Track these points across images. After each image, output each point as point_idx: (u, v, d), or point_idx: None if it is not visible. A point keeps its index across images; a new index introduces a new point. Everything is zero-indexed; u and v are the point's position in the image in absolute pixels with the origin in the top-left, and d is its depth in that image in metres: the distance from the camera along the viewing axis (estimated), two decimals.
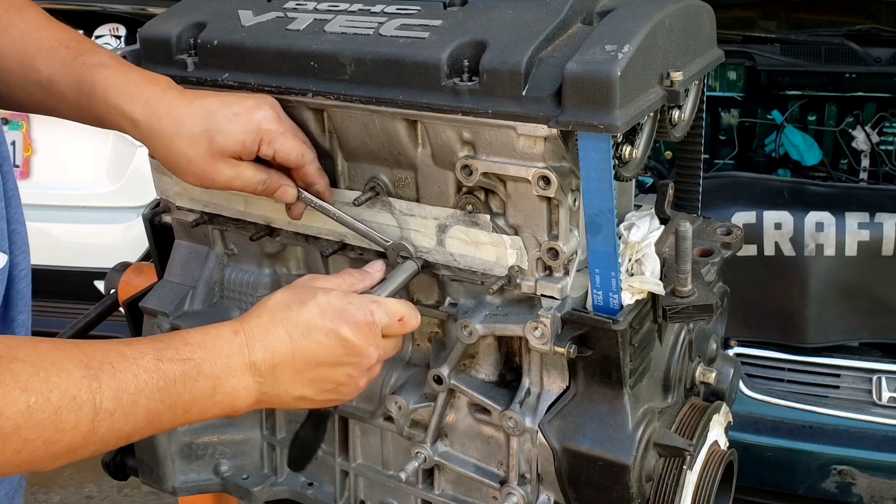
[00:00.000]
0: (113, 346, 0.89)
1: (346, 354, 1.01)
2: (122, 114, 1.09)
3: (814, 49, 3.01)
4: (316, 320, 0.99)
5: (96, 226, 3.11)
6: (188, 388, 0.91)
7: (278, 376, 0.98)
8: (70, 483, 3.26)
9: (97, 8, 3.13)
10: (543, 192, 1.04)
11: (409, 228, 1.18)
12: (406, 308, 1.08)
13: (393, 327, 1.06)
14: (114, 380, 0.86)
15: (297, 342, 0.98)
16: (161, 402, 0.89)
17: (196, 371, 0.92)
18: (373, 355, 1.04)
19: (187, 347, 0.93)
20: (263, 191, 1.14)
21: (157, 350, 0.91)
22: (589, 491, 1.12)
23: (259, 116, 1.10)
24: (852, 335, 2.43)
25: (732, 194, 2.48)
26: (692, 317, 1.08)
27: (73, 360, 0.84)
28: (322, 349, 0.99)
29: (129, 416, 0.87)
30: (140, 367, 0.88)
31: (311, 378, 1.00)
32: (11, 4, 1.13)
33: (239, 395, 0.96)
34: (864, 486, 2.27)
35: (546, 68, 1.01)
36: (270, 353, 0.97)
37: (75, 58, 1.11)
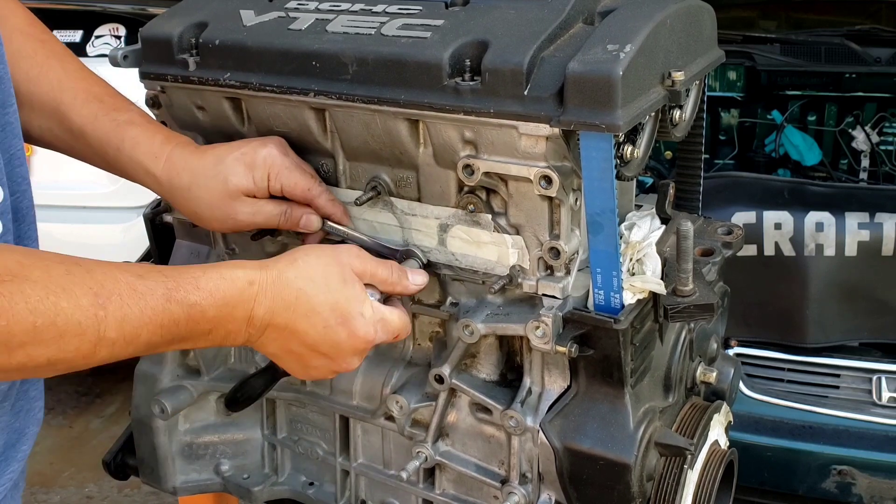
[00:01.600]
0: (125, 277, 0.90)
1: (330, 351, 1.04)
2: (146, 171, 1.17)
3: (814, 49, 3.01)
4: (323, 309, 1.02)
5: (96, 226, 3.10)
6: (189, 328, 0.95)
7: (267, 335, 1.01)
8: (70, 483, 3.26)
9: (97, 8, 3.13)
10: (545, 192, 1.05)
11: (411, 228, 1.18)
12: (405, 323, 1.11)
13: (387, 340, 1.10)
14: (120, 311, 0.88)
15: (296, 318, 1.01)
16: (161, 337, 0.93)
17: (200, 315, 0.95)
18: (353, 363, 1.07)
19: (198, 293, 0.95)
20: (287, 221, 1.18)
21: (167, 289, 0.92)
22: (590, 490, 1.12)
23: (264, 153, 1.15)
24: (852, 335, 2.43)
25: (732, 194, 2.48)
26: (693, 316, 1.09)
27: (83, 286, 0.87)
28: (312, 334, 1.02)
29: (130, 345, 0.90)
30: (148, 303, 0.90)
31: (290, 349, 1.04)
32: (53, 53, 1.21)
33: (229, 337, 1.00)
34: (864, 486, 2.27)
35: (548, 68, 1.01)
36: (270, 315, 1.00)
37: (107, 113, 1.18)
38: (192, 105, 1.27)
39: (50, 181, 3.11)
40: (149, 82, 1.30)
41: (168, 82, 1.26)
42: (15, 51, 1.17)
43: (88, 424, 3.57)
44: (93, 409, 3.68)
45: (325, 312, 1.02)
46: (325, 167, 1.23)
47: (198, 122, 1.28)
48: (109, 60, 1.30)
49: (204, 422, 1.42)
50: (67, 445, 3.46)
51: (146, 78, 1.29)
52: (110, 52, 1.30)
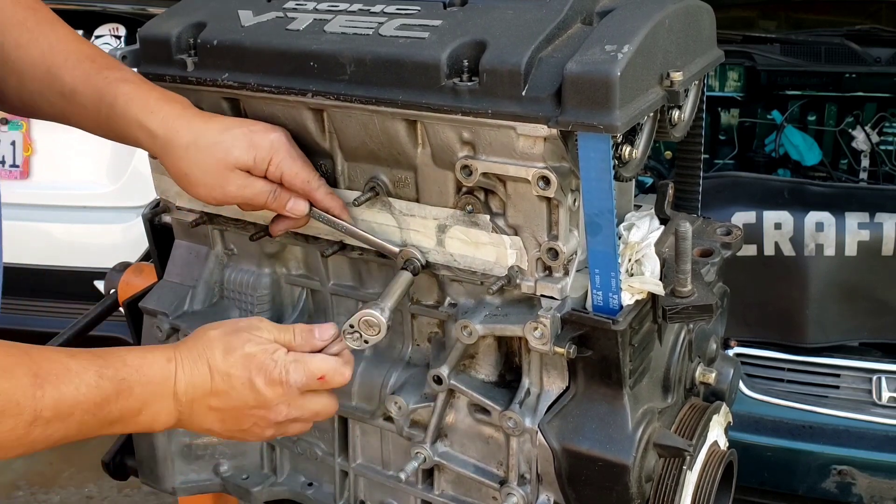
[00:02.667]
0: (59, 357, 0.96)
1: (257, 405, 1.08)
2: (140, 126, 1.14)
3: (814, 49, 3.00)
4: (236, 368, 1.06)
5: (96, 226, 3.10)
6: (119, 406, 0.99)
7: (195, 409, 1.07)
8: (70, 483, 3.26)
9: (97, 8, 3.13)
10: (543, 193, 1.04)
11: (409, 228, 1.18)
12: (329, 365, 1.10)
13: (312, 385, 1.10)
14: (56, 391, 0.93)
15: (216, 384, 1.06)
16: (93, 416, 0.97)
17: (128, 391, 1.00)
18: (281, 412, 1.09)
19: (126, 369, 1.00)
20: (275, 201, 1.17)
21: (98, 367, 0.98)
22: (589, 491, 1.12)
23: (273, 137, 1.15)
24: (852, 335, 2.43)
25: (732, 194, 2.47)
26: (692, 317, 1.08)
27: (23, 367, 0.92)
28: (235, 395, 1.07)
29: (63, 424, 0.95)
30: (82, 381, 0.96)
31: (221, 417, 1.08)
32: (45, 19, 1.20)
33: (160, 417, 1.05)
34: (864, 486, 2.27)
35: (546, 68, 1.01)
36: (192, 388, 1.05)
37: (99, 71, 1.16)
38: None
39: (50, 181, 3.12)
40: None
41: (166, 82, 1.26)
42: (5, 19, 1.18)
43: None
44: None
45: (237, 370, 1.06)
46: (323, 167, 1.23)
47: None
48: None
49: None
50: (67, 445, 3.45)
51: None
52: (109, 52, 1.30)
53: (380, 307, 1.10)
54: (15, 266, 3.11)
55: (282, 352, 1.09)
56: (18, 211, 3.13)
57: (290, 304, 1.38)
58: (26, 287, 3.18)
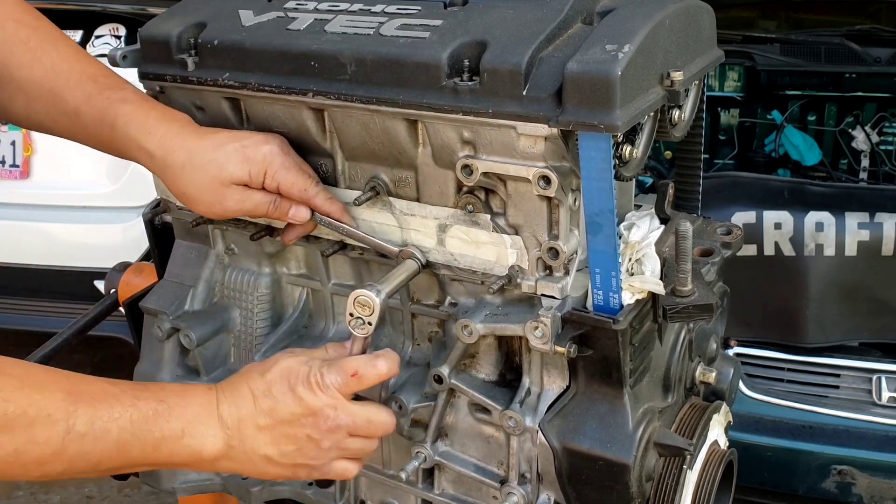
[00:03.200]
0: (98, 382, 0.98)
1: (303, 413, 1.07)
2: (139, 147, 1.16)
3: (814, 49, 3.01)
4: (275, 379, 1.07)
5: (96, 226, 3.10)
6: (159, 426, 1.00)
7: (243, 431, 1.06)
8: (70, 483, 3.26)
9: (97, 8, 3.13)
10: (544, 192, 1.04)
11: (410, 228, 1.18)
12: (360, 361, 1.09)
13: (350, 383, 1.08)
14: (91, 407, 0.95)
15: (259, 399, 1.06)
16: (132, 434, 0.97)
17: (168, 412, 1.01)
18: (330, 416, 1.07)
19: (164, 392, 1.03)
20: (276, 210, 1.18)
21: (136, 390, 1.00)
22: (589, 490, 1.12)
23: (266, 149, 1.15)
24: (852, 335, 2.43)
25: (732, 194, 2.48)
26: (692, 316, 1.08)
27: (57, 384, 0.94)
28: (280, 406, 1.06)
29: (100, 441, 0.95)
30: (118, 401, 0.97)
31: (274, 436, 1.07)
32: (49, 37, 1.22)
33: (206, 441, 1.04)
34: (864, 486, 2.27)
35: (546, 68, 1.01)
36: (235, 407, 1.06)
37: (100, 91, 1.18)
38: (191, 105, 1.27)
39: (50, 181, 3.12)
40: (147, 82, 1.30)
41: (167, 82, 1.26)
42: (8, 38, 1.19)
43: None
44: None
45: (277, 381, 1.06)
46: (323, 167, 1.23)
47: (197, 122, 1.28)
48: (108, 60, 1.30)
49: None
50: None
51: (145, 78, 1.29)
52: (109, 52, 1.31)
53: (376, 288, 1.10)
54: (15, 266, 3.13)
55: (315, 360, 1.09)
56: (18, 211, 3.14)
57: (290, 304, 1.38)
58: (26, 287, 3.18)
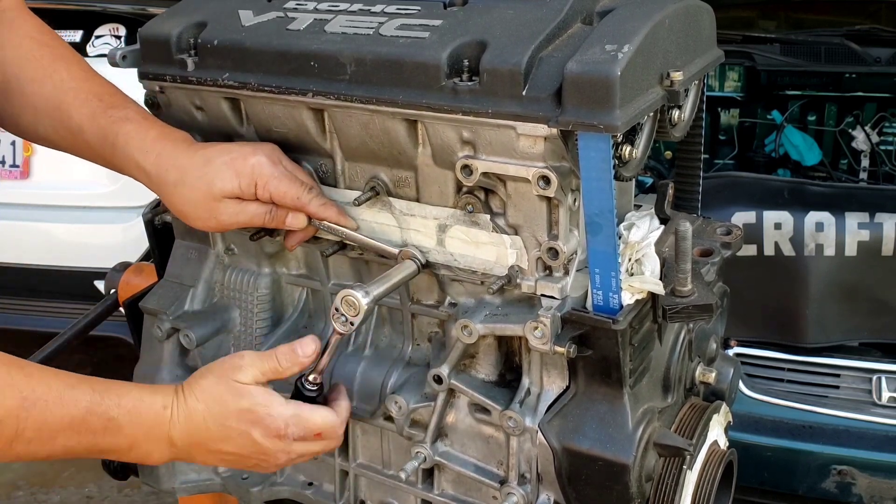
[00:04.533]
0: (57, 385, 1.01)
1: (254, 453, 1.12)
2: (136, 166, 1.19)
3: (814, 49, 3.01)
4: (233, 421, 1.09)
5: (96, 226, 3.10)
6: (106, 440, 1.04)
7: (193, 452, 1.11)
8: (70, 483, 3.26)
9: (97, 8, 3.13)
10: (543, 192, 1.04)
11: (410, 228, 1.18)
12: (328, 422, 1.13)
13: (308, 440, 1.13)
14: (41, 416, 0.98)
15: (212, 431, 1.09)
16: (78, 444, 1.02)
17: (117, 430, 1.04)
18: (280, 459, 1.13)
19: (118, 409, 1.04)
20: (273, 220, 1.19)
21: (91, 403, 1.02)
22: (589, 490, 1.12)
23: (253, 161, 1.16)
24: (852, 335, 2.43)
25: (732, 194, 2.47)
26: (692, 316, 1.08)
27: (14, 388, 0.97)
28: (233, 444, 1.10)
29: (46, 446, 1.00)
30: (70, 413, 1.00)
31: (221, 458, 1.13)
32: (60, 57, 1.26)
33: (152, 457, 1.09)
34: (864, 486, 2.27)
35: (546, 68, 1.01)
36: (188, 436, 1.09)
37: (104, 111, 1.21)
38: (191, 105, 1.27)
39: (50, 181, 3.12)
40: (147, 82, 1.30)
41: (167, 82, 1.26)
42: (24, 55, 1.24)
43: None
44: None
45: (233, 422, 1.09)
46: (323, 167, 1.23)
47: (196, 122, 1.28)
48: (108, 60, 1.30)
49: None
50: None
51: (145, 78, 1.29)
52: (109, 52, 1.31)
53: (364, 290, 1.10)
54: (15, 266, 3.12)
55: (278, 405, 1.10)
56: (18, 211, 3.14)
57: (290, 304, 1.38)
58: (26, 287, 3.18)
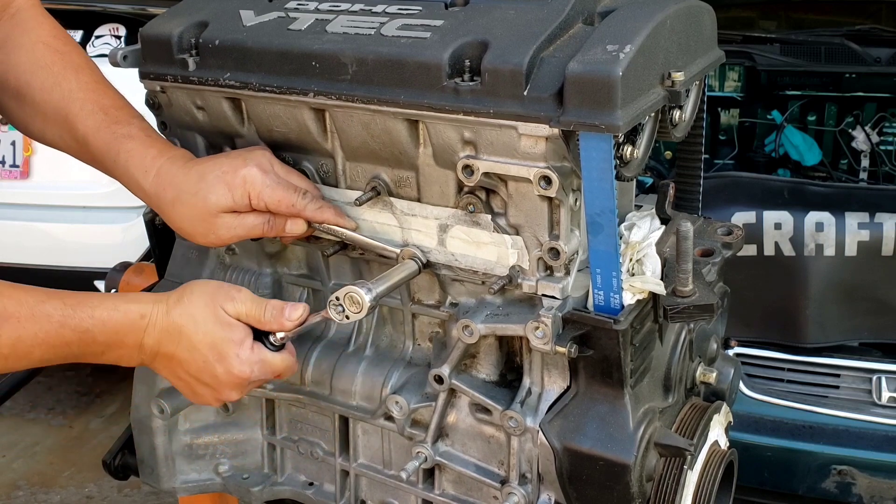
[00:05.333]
0: (29, 299, 1.03)
1: (211, 381, 1.13)
2: (136, 184, 1.21)
3: (814, 49, 3.01)
4: (202, 347, 1.11)
5: (96, 226, 3.10)
6: (81, 349, 1.07)
7: (157, 361, 1.13)
8: (70, 483, 3.26)
9: (97, 8, 3.13)
10: (545, 192, 1.04)
11: (411, 228, 1.18)
12: (287, 363, 1.16)
13: (267, 380, 1.18)
14: (15, 332, 1.01)
15: (179, 351, 1.11)
16: (54, 354, 1.06)
17: (91, 340, 1.07)
18: (233, 396, 1.16)
19: (91, 320, 1.06)
20: (271, 229, 1.20)
21: (63, 316, 1.04)
22: (590, 490, 1.12)
23: (244, 173, 1.16)
24: (852, 335, 2.43)
25: (732, 194, 2.48)
26: (693, 317, 1.08)
27: None
28: (193, 365, 1.12)
29: (22, 359, 1.04)
30: (42, 327, 1.03)
31: (178, 375, 1.15)
32: (70, 64, 1.27)
33: (122, 360, 1.12)
34: (864, 486, 2.27)
35: (548, 68, 1.01)
36: (157, 345, 1.11)
37: (108, 126, 1.23)
38: (192, 105, 1.27)
39: (50, 181, 3.12)
40: (148, 82, 1.30)
41: (168, 82, 1.26)
42: (36, 61, 1.25)
43: (88, 424, 3.57)
44: (93, 409, 3.67)
45: (203, 350, 1.11)
46: (324, 167, 1.23)
47: (197, 122, 1.29)
48: (109, 60, 1.30)
49: (204, 422, 1.42)
50: (67, 445, 3.46)
51: (146, 78, 1.29)
52: (110, 52, 1.31)
53: (368, 287, 1.10)
54: (15, 266, 3.12)
55: (248, 346, 1.12)
56: (18, 211, 3.14)
57: None
58: None
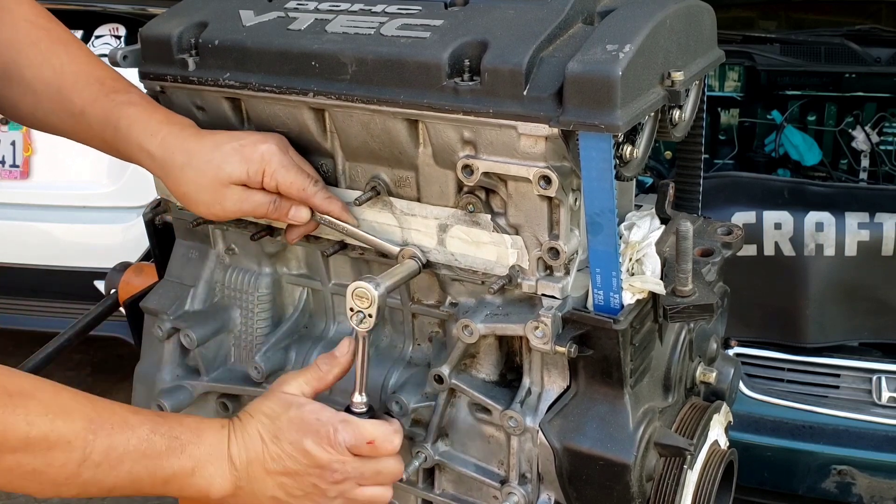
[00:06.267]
0: (120, 411, 1.02)
1: (309, 466, 1.08)
2: (140, 148, 1.18)
3: (814, 49, 3.01)
4: (284, 430, 1.09)
5: (96, 226, 3.10)
6: (170, 463, 1.04)
7: (252, 473, 1.08)
8: None
9: (97, 8, 3.13)
10: (544, 192, 1.04)
11: (410, 228, 1.18)
12: (380, 431, 1.10)
13: (362, 449, 1.10)
14: (109, 438, 0.99)
15: (268, 445, 1.09)
16: (144, 468, 1.02)
17: (180, 450, 1.04)
18: (338, 471, 1.09)
19: (180, 428, 1.05)
20: (275, 211, 1.19)
21: (154, 423, 1.03)
22: (589, 490, 1.12)
23: (263, 148, 1.15)
24: (852, 335, 2.43)
25: (732, 194, 2.48)
26: (693, 316, 1.08)
27: (80, 411, 0.98)
28: (287, 456, 1.08)
29: (113, 471, 1.00)
30: (135, 434, 1.01)
31: (281, 482, 1.09)
32: (58, 39, 1.25)
33: (215, 482, 1.07)
34: (864, 486, 2.27)
35: (547, 68, 1.01)
36: (245, 450, 1.08)
37: (106, 94, 1.20)
38: (192, 105, 1.27)
39: (50, 181, 3.12)
40: (148, 82, 1.30)
41: (167, 82, 1.26)
42: (21, 39, 1.22)
43: None
44: None
45: (285, 432, 1.08)
46: (324, 167, 1.23)
47: (197, 122, 1.28)
48: (109, 60, 1.30)
49: None
50: None
51: (145, 78, 1.29)
52: (110, 52, 1.31)
53: (375, 281, 1.10)
54: (15, 266, 3.13)
55: (327, 412, 1.10)
56: (18, 211, 3.14)
57: (290, 304, 1.38)
58: (26, 287, 3.18)
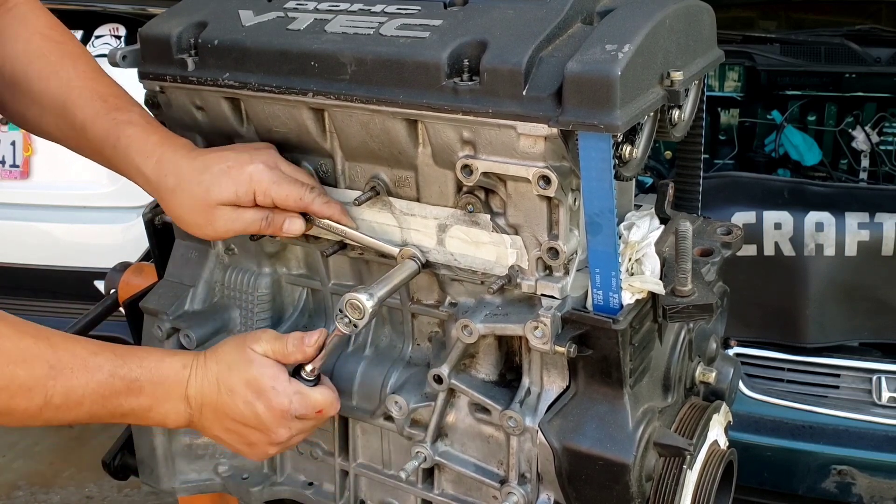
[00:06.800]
0: (82, 352, 1.06)
1: (257, 425, 1.14)
2: (137, 169, 1.20)
3: (814, 49, 3.01)
4: (240, 388, 1.13)
5: (96, 226, 3.10)
6: (128, 402, 1.09)
7: (203, 413, 1.15)
8: (70, 483, 3.26)
9: (97, 8, 3.13)
10: (544, 192, 1.04)
11: (410, 228, 1.18)
12: (327, 399, 1.17)
13: (309, 416, 1.16)
14: (68, 382, 1.04)
15: (222, 396, 1.13)
16: (102, 408, 1.07)
17: (139, 391, 1.10)
18: (282, 435, 1.16)
19: (140, 370, 1.10)
20: (269, 226, 1.19)
21: (114, 366, 1.08)
22: (589, 490, 1.12)
23: (250, 169, 1.16)
24: (852, 335, 2.43)
25: (732, 194, 2.48)
26: (692, 316, 1.08)
27: (41, 357, 1.03)
28: (237, 411, 1.14)
29: (73, 411, 1.06)
30: (94, 378, 1.06)
31: (226, 427, 1.16)
32: (67, 53, 1.27)
33: (169, 417, 1.14)
34: (864, 486, 2.27)
35: (546, 68, 1.01)
36: (201, 395, 1.13)
37: (108, 112, 1.22)
38: (191, 105, 1.27)
39: (50, 181, 3.12)
40: (148, 82, 1.30)
41: (167, 82, 1.26)
42: (33, 51, 1.25)
43: (88, 424, 3.57)
44: None
45: (241, 389, 1.13)
46: (323, 167, 1.23)
47: (197, 122, 1.29)
48: (108, 60, 1.30)
49: None
50: (67, 445, 3.46)
51: (145, 78, 1.29)
52: (109, 52, 1.31)
53: (368, 292, 1.10)
54: (15, 266, 3.12)
55: (283, 379, 1.14)
56: (18, 211, 3.13)
57: (290, 304, 1.38)
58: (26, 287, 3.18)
